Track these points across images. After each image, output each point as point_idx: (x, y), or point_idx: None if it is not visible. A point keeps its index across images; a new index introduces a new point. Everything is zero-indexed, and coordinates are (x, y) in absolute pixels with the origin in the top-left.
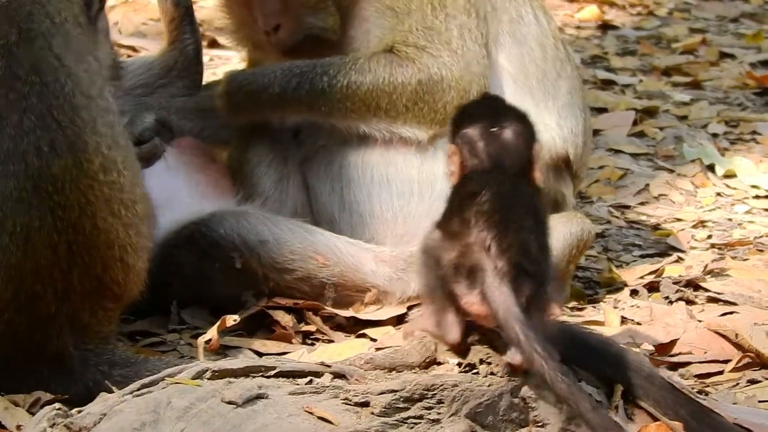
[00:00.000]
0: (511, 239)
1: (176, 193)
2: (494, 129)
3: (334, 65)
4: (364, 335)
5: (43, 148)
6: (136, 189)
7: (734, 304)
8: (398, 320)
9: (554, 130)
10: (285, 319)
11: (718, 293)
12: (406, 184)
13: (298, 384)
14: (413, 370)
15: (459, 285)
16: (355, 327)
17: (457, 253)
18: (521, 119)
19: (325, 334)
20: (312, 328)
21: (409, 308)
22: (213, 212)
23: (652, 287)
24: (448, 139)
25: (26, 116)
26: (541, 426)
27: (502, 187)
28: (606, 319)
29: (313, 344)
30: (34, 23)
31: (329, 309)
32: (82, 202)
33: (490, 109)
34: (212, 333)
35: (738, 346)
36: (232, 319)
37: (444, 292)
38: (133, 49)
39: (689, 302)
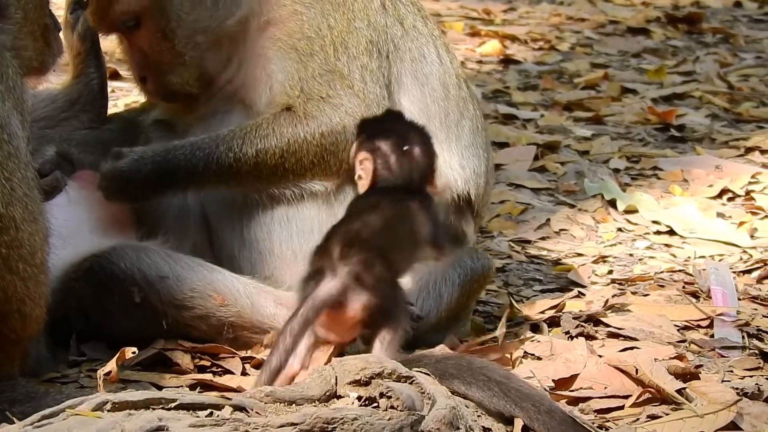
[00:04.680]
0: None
1: (77, 227)
2: (406, 146)
3: (237, 137)
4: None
5: None
6: (35, 238)
7: (635, 339)
8: None
9: (457, 171)
10: (185, 360)
11: (619, 329)
12: (307, 223)
13: (198, 416)
14: (313, 404)
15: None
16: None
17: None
18: (426, 137)
19: (222, 368)
20: (208, 362)
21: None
22: (113, 246)
23: (553, 322)
24: (357, 145)
25: None
26: None
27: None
28: (506, 353)
29: (211, 378)
30: None
31: (227, 349)
32: None
33: (399, 125)
34: (111, 365)
35: (638, 382)
36: (130, 351)
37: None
38: None
39: (590, 337)
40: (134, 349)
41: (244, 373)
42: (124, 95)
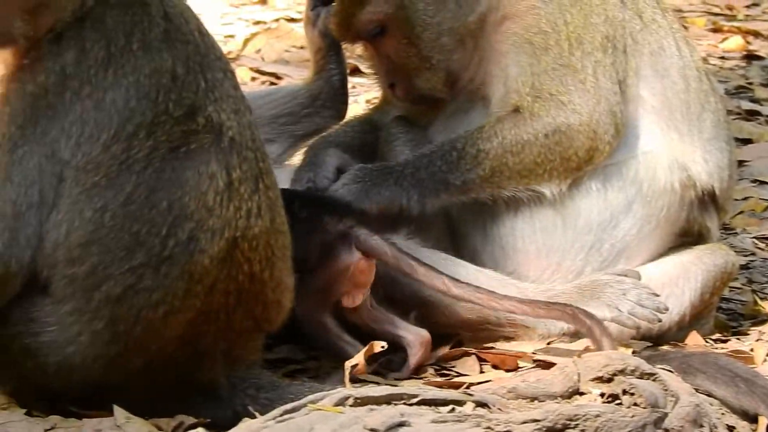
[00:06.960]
0: None
1: None
2: None
3: (461, 139)
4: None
5: (253, 211)
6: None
7: None
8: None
9: (700, 164)
10: None
11: None
12: (549, 218)
13: (440, 412)
14: (556, 400)
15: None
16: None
17: None
18: None
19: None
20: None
21: (549, 344)
22: None
23: None
24: None
25: (243, 184)
26: None
27: None
28: (751, 351)
29: (448, 374)
30: None
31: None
32: (268, 255)
33: None
34: (359, 358)
35: None
36: (379, 345)
37: None
38: (276, 75)
39: None
40: (383, 343)
41: (481, 371)
42: (366, 91)
